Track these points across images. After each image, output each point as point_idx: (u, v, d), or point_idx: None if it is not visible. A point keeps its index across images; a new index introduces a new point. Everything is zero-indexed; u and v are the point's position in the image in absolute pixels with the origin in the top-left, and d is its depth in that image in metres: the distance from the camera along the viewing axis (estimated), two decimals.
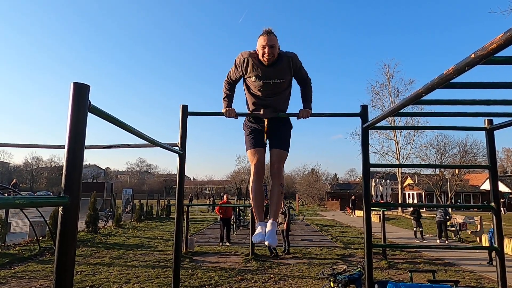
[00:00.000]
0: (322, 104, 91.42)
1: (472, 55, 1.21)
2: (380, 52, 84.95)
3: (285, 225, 10.11)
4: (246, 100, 3.11)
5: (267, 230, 2.84)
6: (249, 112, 3.09)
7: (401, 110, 2.21)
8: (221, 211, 11.89)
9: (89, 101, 1.33)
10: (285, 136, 3.04)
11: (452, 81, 1.48)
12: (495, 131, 3.02)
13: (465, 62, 1.27)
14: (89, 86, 1.33)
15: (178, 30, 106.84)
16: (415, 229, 13.80)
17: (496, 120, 2.95)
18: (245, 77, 2.90)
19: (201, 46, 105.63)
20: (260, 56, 2.74)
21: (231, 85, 3.07)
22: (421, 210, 14.64)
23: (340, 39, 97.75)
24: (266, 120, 3.00)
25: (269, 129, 3.02)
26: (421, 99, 1.81)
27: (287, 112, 3.10)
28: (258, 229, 2.87)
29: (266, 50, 2.66)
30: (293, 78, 2.98)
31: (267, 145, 3.08)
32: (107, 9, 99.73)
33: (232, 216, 13.43)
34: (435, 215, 13.97)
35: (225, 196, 13.45)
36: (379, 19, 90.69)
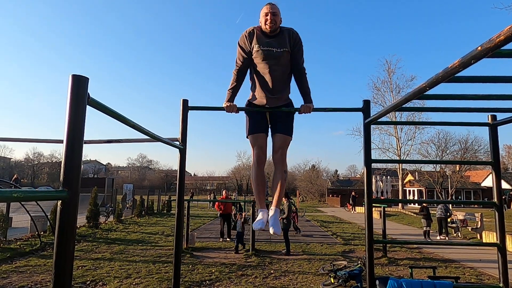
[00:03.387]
0: (323, 99, 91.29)
1: (479, 48, 1.19)
2: (382, 48, 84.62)
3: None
4: (251, 81, 3.07)
5: (269, 217, 2.88)
6: (250, 98, 3.07)
7: (404, 105, 2.19)
8: (220, 207, 11.92)
9: (88, 93, 1.31)
10: (288, 120, 3.00)
11: (457, 75, 1.45)
12: (498, 127, 3.00)
13: (471, 55, 1.25)
14: (88, 79, 1.30)
15: (179, 24, 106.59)
16: (425, 229, 12.90)
17: (500, 116, 2.92)
18: (252, 49, 2.88)
19: (202, 40, 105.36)
20: (263, 25, 2.83)
21: (239, 72, 2.97)
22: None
23: (341, 34, 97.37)
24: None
25: (272, 117, 3.00)
26: (424, 93, 1.78)
27: (288, 96, 3.08)
28: (259, 216, 2.92)
29: (268, 17, 2.76)
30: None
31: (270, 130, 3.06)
32: (108, 2, 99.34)
33: (234, 211, 13.43)
34: (435, 212, 13.80)
35: (223, 192, 13.48)
36: (381, 14, 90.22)
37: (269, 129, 3.05)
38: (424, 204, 13.80)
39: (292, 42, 2.86)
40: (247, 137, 3.01)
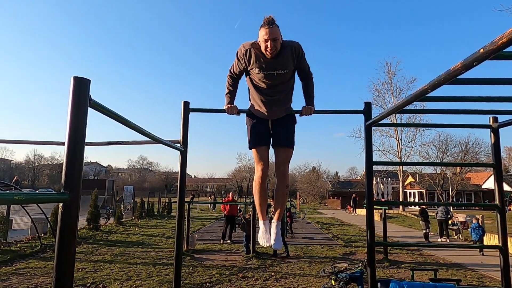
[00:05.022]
0: (323, 101, 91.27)
1: (481, 50, 1.18)
2: (381, 50, 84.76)
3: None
4: (249, 92, 2.99)
5: (272, 233, 2.90)
6: (251, 106, 3.01)
7: (405, 107, 2.18)
8: (225, 208, 11.98)
9: (90, 95, 1.31)
10: (289, 132, 2.94)
11: (459, 77, 1.45)
12: (499, 129, 2.99)
13: (473, 57, 1.24)
14: (89, 81, 1.30)
15: (180, 27, 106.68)
16: (424, 231, 12.99)
17: (501, 118, 2.91)
18: (248, 69, 2.78)
19: (203, 42, 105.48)
20: (263, 49, 2.61)
21: (234, 80, 2.95)
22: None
23: (340, 36, 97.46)
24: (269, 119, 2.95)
25: (273, 125, 2.94)
26: (426, 95, 1.78)
27: (291, 105, 3.02)
28: (262, 229, 2.94)
29: (268, 44, 2.54)
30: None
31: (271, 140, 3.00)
32: (109, 4, 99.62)
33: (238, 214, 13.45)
34: (435, 214, 13.76)
35: (230, 194, 13.50)
36: (381, 15, 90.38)
37: (270, 139, 2.97)
38: (422, 207, 13.76)
39: (295, 58, 2.71)
40: (250, 149, 2.96)
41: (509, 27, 1.06)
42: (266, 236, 2.90)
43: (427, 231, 12.93)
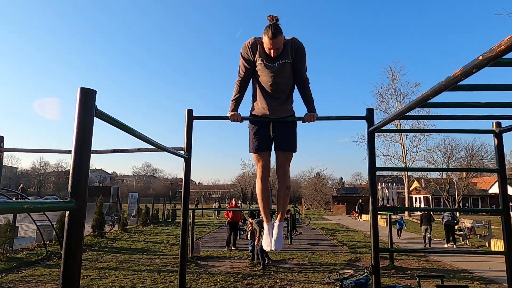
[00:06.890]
0: (327, 107, 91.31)
1: (480, 57, 1.20)
2: (385, 55, 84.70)
3: (256, 240, 9.02)
4: (252, 94, 3.07)
5: (274, 233, 2.97)
6: (252, 109, 3.08)
7: (408, 113, 2.20)
8: (228, 214, 11.96)
9: (96, 106, 1.34)
10: (290, 135, 2.99)
11: (460, 83, 1.47)
12: (503, 134, 2.99)
13: (472, 64, 1.26)
14: (95, 91, 1.33)
15: (184, 36, 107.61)
16: (424, 234, 13.04)
17: (505, 123, 2.91)
18: (254, 60, 2.85)
19: (207, 51, 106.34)
20: (266, 50, 2.76)
21: (242, 82, 2.98)
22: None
23: (344, 42, 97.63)
24: (271, 123, 3.00)
25: (275, 129, 2.98)
26: (428, 102, 1.79)
27: (292, 107, 3.07)
28: (265, 232, 3.02)
29: (272, 51, 2.70)
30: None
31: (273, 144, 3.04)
32: (115, 16, 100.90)
33: (241, 221, 13.43)
34: (441, 219, 13.61)
35: (233, 200, 13.46)
36: (384, 22, 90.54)
37: (272, 143, 3.02)
38: (424, 212, 13.66)
39: (294, 52, 2.80)
40: (250, 152, 3.01)
41: (508, 35, 1.07)
42: (268, 240, 2.97)
43: (429, 235, 12.77)
